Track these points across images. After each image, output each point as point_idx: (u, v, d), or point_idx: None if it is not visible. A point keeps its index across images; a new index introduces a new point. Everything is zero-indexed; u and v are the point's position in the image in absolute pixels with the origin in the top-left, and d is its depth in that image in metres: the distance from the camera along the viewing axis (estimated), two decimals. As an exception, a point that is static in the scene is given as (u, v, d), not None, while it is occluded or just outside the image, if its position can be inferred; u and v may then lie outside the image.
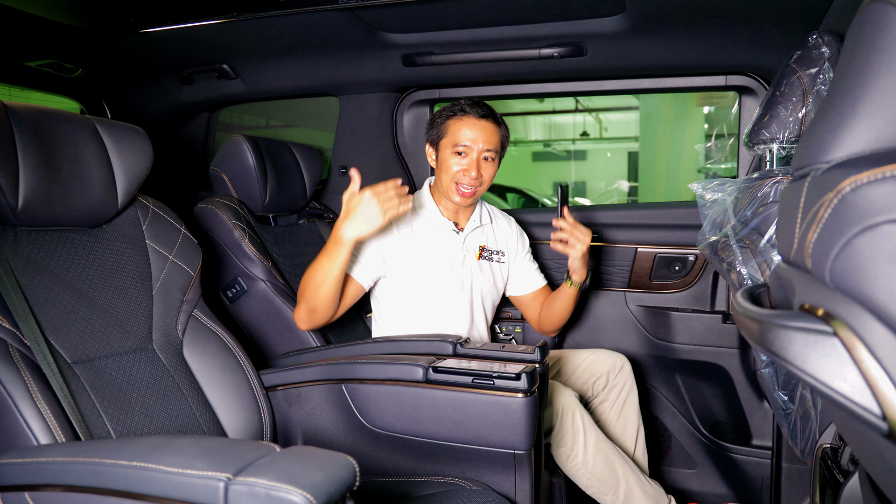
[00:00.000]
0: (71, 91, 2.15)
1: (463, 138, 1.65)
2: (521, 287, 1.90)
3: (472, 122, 1.66)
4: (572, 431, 1.54)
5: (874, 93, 0.45)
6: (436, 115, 1.75)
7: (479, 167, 1.66)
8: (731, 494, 2.03)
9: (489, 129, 1.67)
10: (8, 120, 1.14)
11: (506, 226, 1.90)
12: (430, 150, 1.76)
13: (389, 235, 1.67)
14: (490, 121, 1.68)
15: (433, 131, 1.73)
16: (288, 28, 1.79)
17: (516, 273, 1.89)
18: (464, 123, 1.67)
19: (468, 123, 1.66)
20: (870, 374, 0.38)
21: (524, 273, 1.89)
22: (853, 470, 0.88)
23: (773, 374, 1.38)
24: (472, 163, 1.66)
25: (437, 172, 1.73)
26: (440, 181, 1.71)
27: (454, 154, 1.66)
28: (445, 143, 1.69)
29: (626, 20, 1.65)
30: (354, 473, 0.80)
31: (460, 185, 1.67)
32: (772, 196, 1.29)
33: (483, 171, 1.67)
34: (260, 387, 1.41)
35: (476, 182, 1.66)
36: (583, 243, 1.64)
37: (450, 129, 1.68)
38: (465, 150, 1.65)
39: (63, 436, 1.02)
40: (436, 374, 1.29)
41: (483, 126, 1.67)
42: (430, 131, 1.74)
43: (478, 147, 1.65)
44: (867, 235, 0.39)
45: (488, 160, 1.68)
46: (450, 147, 1.67)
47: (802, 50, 1.38)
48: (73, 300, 1.20)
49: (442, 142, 1.70)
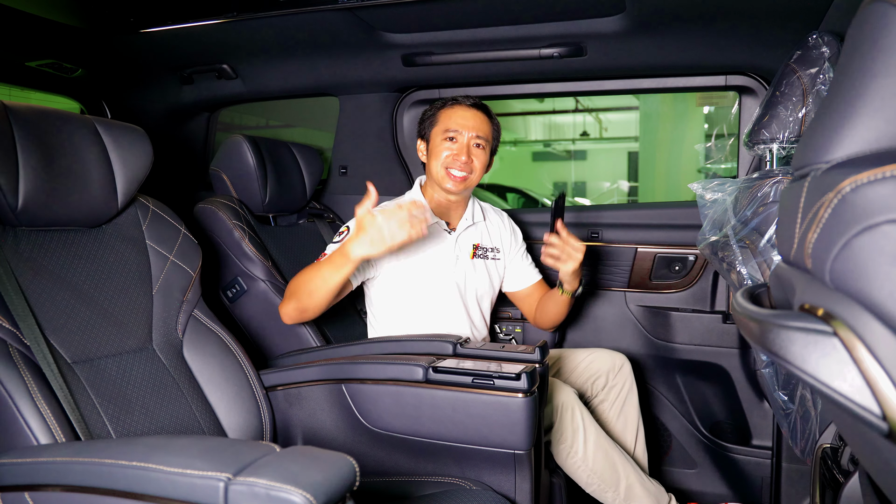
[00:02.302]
0: (71, 91, 2.15)
1: (454, 124, 1.69)
2: (516, 283, 1.89)
3: (462, 109, 1.71)
4: (572, 428, 1.54)
5: (874, 93, 0.45)
6: (426, 111, 1.78)
7: (470, 152, 1.68)
8: (731, 494, 2.03)
9: (480, 117, 1.71)
10: (8, 120, 1.14)
11: (498, 222, 1.90)
12: (420, 145, 1.78)
13: None
14: (481, 111, 1.73)
15: (424, 124, 1.76)
16: (288, 28, 1.79)
17: (511, 269, 1.88)
18: (455, 111, 1.71)
19: (459, 111, 1.71)
20: (870, 374, 0.38)
21: (519, 268, 1.89)
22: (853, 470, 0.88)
23: (773, 374, 1.38)
24: (462, 147, 1.67)
25: (428, 163, 1.74)
26: (431, 171, 1.72)
27: (445, 140, 1.69)
28: (436, 131, 1.72)
29: (626, 20, 1.65)
30: (354, 473, 0.80)
31: (451, 169, 1.68)
32: (772, 196, 1.29)
33: (474, 157, 1.69)
34: (260, 387, 1.41)
35: (467, 167, 1.67)
36: (575, 260, 1.60)
37: (441, 118, 1.72)
38: (456, 135, 1.68)
39: (63, 436, 1.02)
40: (436, 374, 1.29)
41: (474, 114, 1.70)
42: (421, 125, 1.77)
43: (468, 133, 1.68)
44: (867, 235, 0.39)
45: (479, 147, 1.70)
46: (440, 134, 1.70)
47: (802, 50, 1.38)
48: (73, 300, 1.20)
49: (433, 130, 1.73)
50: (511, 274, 1.89)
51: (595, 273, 2.13)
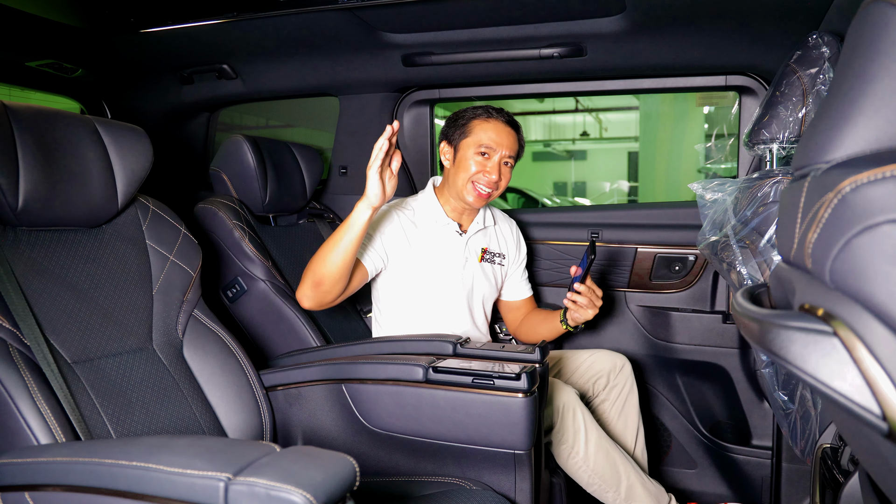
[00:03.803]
0: (71, 91, 2.15)
1: (489, 140, 1.66)
2: (508, 294, 1.91)
3: (499, 125, 1.68)
4: (573, 429, 1.54)
5: (874, 93, 0.45)
6: (458, 115, 1.74)
7: (500, 170, 1.67)
8: (731, 494, 2.03)
9: (513, 136, 1.70)
10: (8, 120, 1.14)
11: (507, 230, 1.91)
12: (446, 147, 1.75)
13: (393, 230, 1.67)
14: (513, 128, 1.71)
15: (454, 130, 1.72)
16: (288, 28, 1.79)
17: (508, 280, 1.90)
18: (490, 126, 1.68)
19: (495, 127, 1.68)
20: (870, 374, 0.38)
21: (515, 281, 1.90)
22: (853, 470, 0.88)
23: (773, 374, 1.38)
24: (494, 166, 1.66)
25: (451, 171, 1.72)
26: (455, 180, 1.70)
27: (477, 154, 1.67)
28: (468, 142, 1.68)
29: (626, 20, 1.65)
30: (354, 473, 0.80)
31: (477, 184, 1.67)
32: (772, 196, 1.29)
33: (502, 176, 1.68)
34: (260, 387, 1.41)
35: (494, 185, 1.67)
36: (594, 309, 1.61)
37: (475, 130, 1.68)
38: (490, 151, 1.66)
39: (63, 436, 1.02)
40: (436, 374, 1.29)
41: (508, 132, 1.69)
42: (451, 130, 1.73)
43: (501, 151, 1.67)
44: (867, 235, 0.39)
45: (507, 166, 1.70)
46: (473, 147, 1.67)
47: (802, 50, 1.38)
48: (73, 300, 1.20)
49: (464, 141, 1.69)
50: (507, 284, 1.90)
51: (595, 273, 2.13)
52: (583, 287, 1.59)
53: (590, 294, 1.59)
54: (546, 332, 1.79)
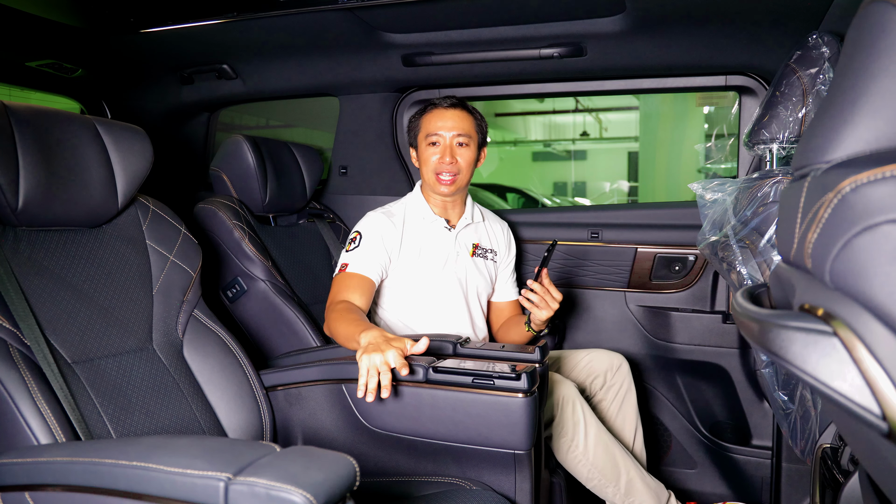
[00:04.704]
0: (71, 91, 2.15)
1: (433, 128, 1.71)
2: (494, 294, 1.91)
3: (440, 112, 1.72)
4: (573, 421, 1.54)
5: (874, 93, 0.45)
6: (411, 119, 1.80)
7: (454, 152, 1.70)
8: (731, 494, 2.03)
9: (458, 115, 1.72)
10: (8, 120, 1.14)
11: (498, 229, 1.92)
12: (412, 153, 1.81)
13: (389, 235, 1.68)
14: (458, 108, 1.73)
15: (410, 133, 1.79)
16: (288, 28, 1.79)
17: (497, 278, 1.90)
18: (433, 115, 1.73)
19: (437, 114, 1.72)
20: (870, 374, 0.38)
21: (502, 281, 1.91)
22: (853, 470, 0.88)
23: (773, 374, 1.38)
24: (444, 148, 1.70)
25: (421, 171, 1.77)
26: (424, 177, 1.75)
27: (429, 146, 1.71)
28: (421, 137, 1.74)
29: (626, 20, 1.65)
30: (354, 473, 0.80)
31: (440, 174, 1.71)
32: (772, 196, 1.29)
33: (458, 157, 1.70)
34: (260, 387, 1.41)
35: (453, 168, 1.69)
36: (550, 310, 1.59)
37: (422, 124, 1.74)
38: (437, 138, 1.71)
39: (63, 436, 1.02)
40: (436, 374, 1.29)
41: (452, 114, 1.72)
42: (409, 134, 1.81)
43: (449, 134, 1.70)
44: (867, 235, 0.39)
45: (463, 146, 1.71)
46: (424, 140, 1.73)
47: (802, 50, 1.38)
48: (73, 300, 1.20)
49: (418, 138, 1.76)
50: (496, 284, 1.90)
51: (595, 272, 2.13)
52: (536, 285, 1.59)
53: (543, 293, 1.59)
54: (516, 336, 1.79)
